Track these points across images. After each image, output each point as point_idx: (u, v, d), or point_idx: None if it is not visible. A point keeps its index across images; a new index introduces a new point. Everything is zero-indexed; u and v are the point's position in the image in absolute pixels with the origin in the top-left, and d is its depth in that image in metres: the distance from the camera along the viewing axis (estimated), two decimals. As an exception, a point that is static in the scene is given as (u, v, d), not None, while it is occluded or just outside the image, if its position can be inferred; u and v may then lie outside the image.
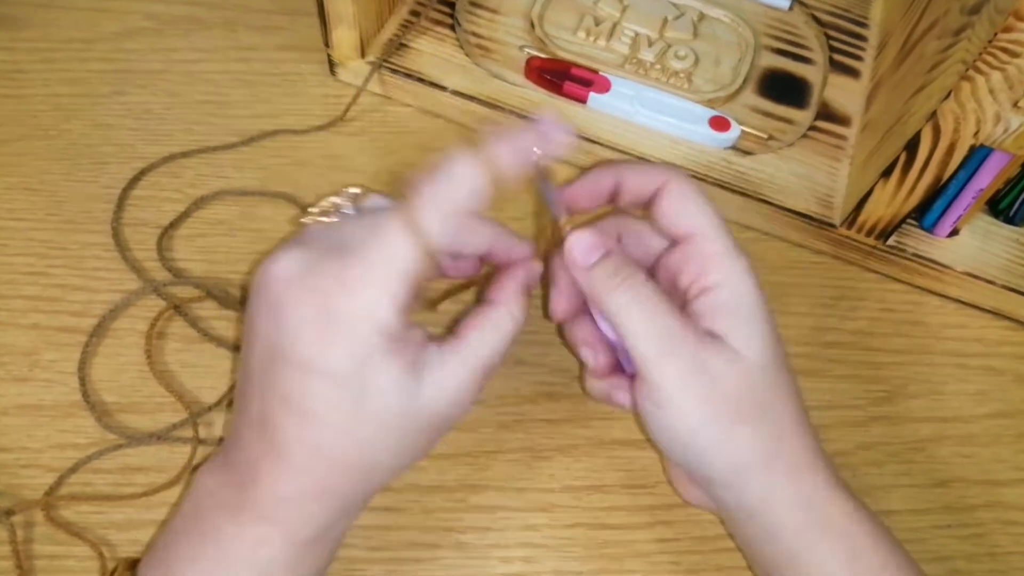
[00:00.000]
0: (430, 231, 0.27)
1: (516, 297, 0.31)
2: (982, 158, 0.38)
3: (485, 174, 0.27)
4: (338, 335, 0.26)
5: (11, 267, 0.40)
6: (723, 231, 0.31)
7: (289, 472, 0.27)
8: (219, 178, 0.44)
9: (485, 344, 0.29)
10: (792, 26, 0.50)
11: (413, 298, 0.27)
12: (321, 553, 0.29)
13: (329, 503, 0.28)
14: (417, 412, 0.28)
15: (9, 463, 0.35)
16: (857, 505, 0.30)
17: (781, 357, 0.30)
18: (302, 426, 0.27)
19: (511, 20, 0.49)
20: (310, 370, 0.26)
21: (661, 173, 0.32)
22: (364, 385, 0.26)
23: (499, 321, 0.30)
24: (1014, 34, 0.31)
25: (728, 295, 0.30)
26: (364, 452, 0.28)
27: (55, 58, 0.47)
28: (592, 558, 0.35)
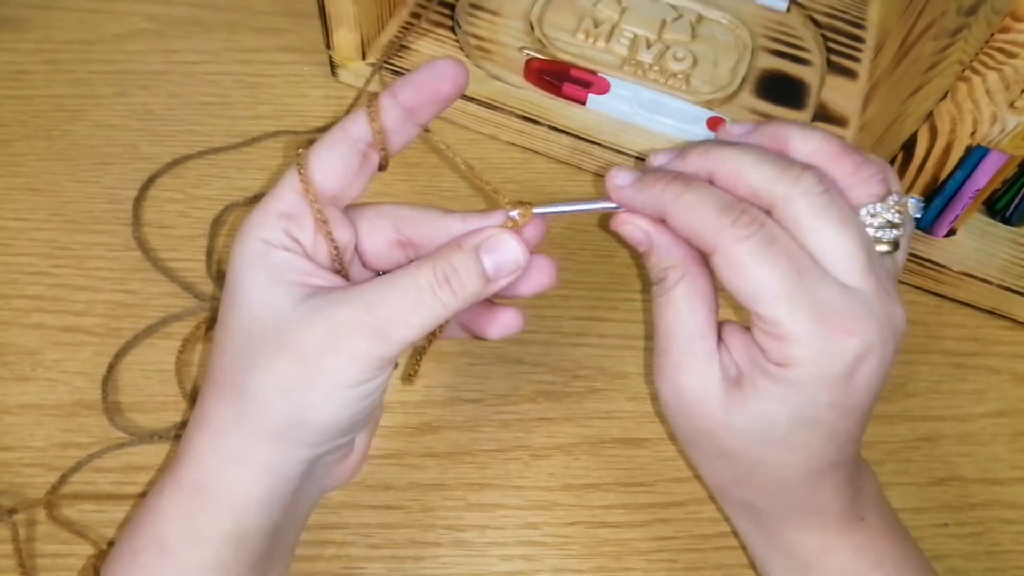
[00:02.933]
0: (313, 168, 0.27)
1: (450, 251, 0.27)
2: (979, 158, 0.38)
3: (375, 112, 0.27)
4: (235, 247, 0.26)
5: (14, 267, 0.40)
6: (794, 312, 0.25)
7: (197, 411, 0.27)
8: (221, 178, 0.44)
9: (382, 288, 0.25)
10: (789, 27, 0.51)
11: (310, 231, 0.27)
12: (220, 512, 0.27)
13: (213, 439, 0.26)
14: (283, 336, 0.25)
15: (12, 462, 0.35)
16: (833, 549, 0.29)
17: (794, 441, 0.27)
18: (215, 346, 0.27)
19: (511, 22, 0.49)
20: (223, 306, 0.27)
21: (710, 231, 0.26)
22: (238, 293, 0.26)
23: (410, 270, 0.26)
24: (1010, 35, 0.31)
25: (776, 371, 0.26)
26: (236, 372, 0.26)
27: (58, 59, 0.48)
28: (591, 556, 0.35)
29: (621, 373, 0.40)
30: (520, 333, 0.40)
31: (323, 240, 0.27)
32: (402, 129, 0.28)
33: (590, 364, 0.40)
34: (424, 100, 0.28)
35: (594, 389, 0.39)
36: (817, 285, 0.25)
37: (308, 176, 0.27)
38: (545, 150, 0.46)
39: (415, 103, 0.27)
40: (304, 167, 0.27)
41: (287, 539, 0.29)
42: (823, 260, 0.25)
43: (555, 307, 0.41)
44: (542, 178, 0.46)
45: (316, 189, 0.27)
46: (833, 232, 0.25)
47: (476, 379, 0.39)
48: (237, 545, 0.27)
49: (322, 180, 0.27)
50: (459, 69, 0.27)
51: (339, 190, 0.27)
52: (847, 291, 0.25)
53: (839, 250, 0.25)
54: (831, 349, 0.25)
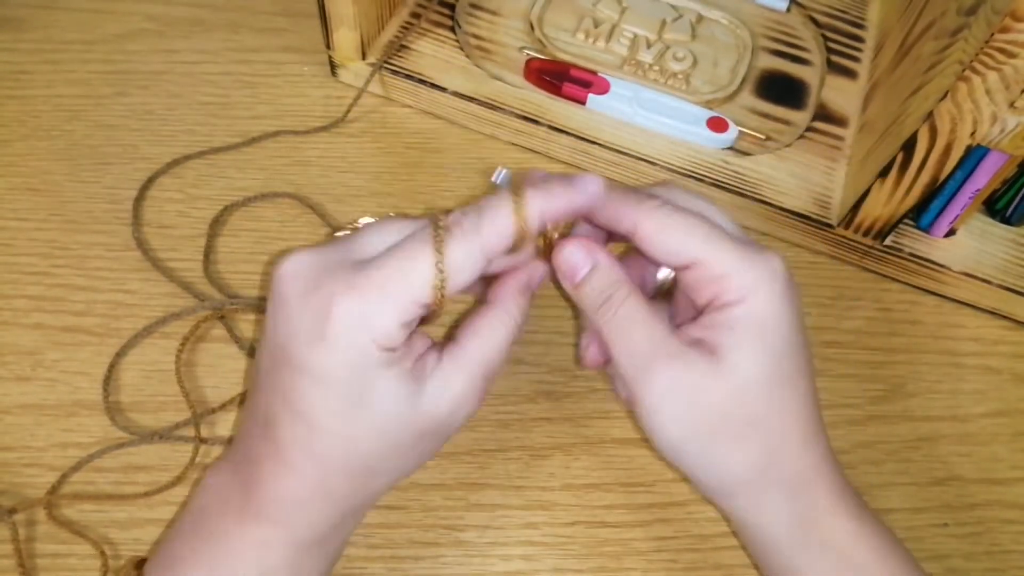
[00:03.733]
0: (453, 267, 0.27)
1: (515, 297, 0.30)
2: (979, 158, 0.38)
3: (519, 223, 0.27)
4: (335, 340, 0.26)
5: (14, 267, 0.40)
6: (725, 248, 0.28)
7: (289, 474, 0.27)
8: (221, 178, 0.44)
9: (485, 349, 0.29)
10: (790, 27, 0.51)
11: (418, 319, 0.28)
12: (323, 556, 0.29)
13: (330, 506, 0.28)
14: (417, 420, 0.27)
15: (12, 462, 0.35)
16: (863, 523, 0.29)
17: (789, 372, 0.29)
18: (300, 428, 0.27)
19: (511, 22, 0.49)
20: (305, 372, 0.26)
21: (631, 209, 0.29)
22: (361, 392, 0.26)
23: (497, 323, 0.29)
24: (1011, 35, 0.31)
25: (739, 311, 0.28)
26: (363, 458, 0.28)
27: (58, 59, 0.48)
28: (591, 556, 0.35)
29: (621, 373, 0.40)
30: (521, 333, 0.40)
31: None
32: None
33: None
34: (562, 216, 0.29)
35: (594, 389, 0.39)
36: (724, 230, 0.29)
37: (446, 279, 0.27)
38: (545, 150, 0.46)
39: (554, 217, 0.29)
40: (443, 278, 0.27)
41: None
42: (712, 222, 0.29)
43: (555, 307, 0.41)
44: (542, 178, 0.46)
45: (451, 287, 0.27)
46: (705, 206, 0.30)
47: (476, 379, 0.39)
48: None
49: (458, 284, 0.27)
50: (599, 188, 0.29)
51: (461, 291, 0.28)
52: (740, 232, 0.30)
53: (716, 217, 0.30)
54: (768, 270, 0.28)
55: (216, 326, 0.39)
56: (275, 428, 0.27)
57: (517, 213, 0.27)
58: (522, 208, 0.27)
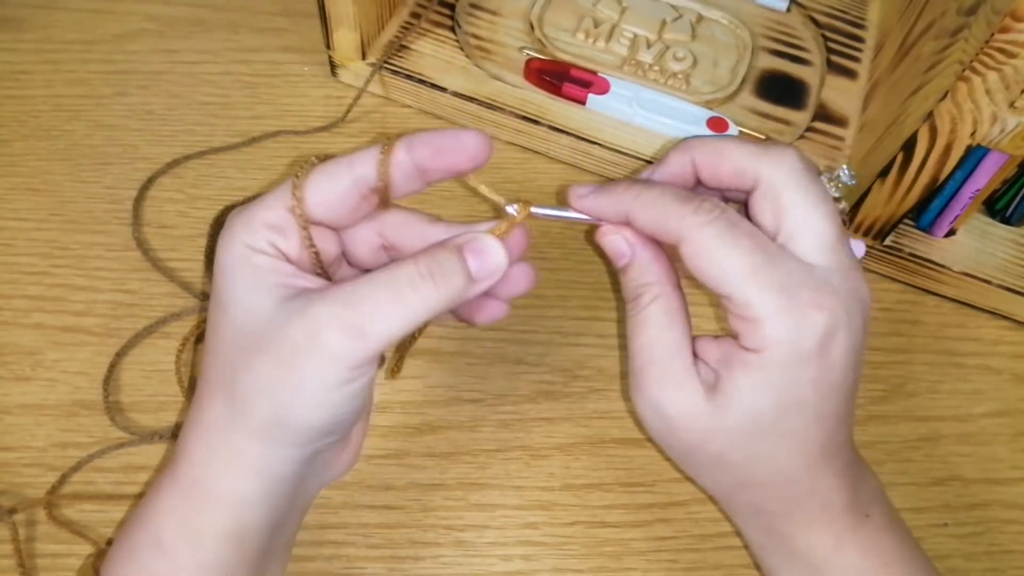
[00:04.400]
0: (311, 184, 0.27)
1: (436, 257, 0.26)
2: (979, 158, 0.38)
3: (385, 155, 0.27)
4: (219, 251, 0.26)
5: (14, 267, 0.40)
6: (764, 291, 0.25)
7: (192, 411, 0.27)
8: (221, 179, 0.44)
9: (366, 295, 0.25)
10: (790, 28, 0.51)
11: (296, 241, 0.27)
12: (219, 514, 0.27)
13: (209, 441, 0.26)
14: (274, 337, 0.25)
15: (12, 462, 0.35)
16: (843, 547, 0.29)
17: (782, 428, 0.27)
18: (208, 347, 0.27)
19: (511, 22, 0.49)
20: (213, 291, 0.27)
21: (674, 220, 0.27)
22: (226, 298, 0.26)
23: (398, 275, 0.25)
24: (1011, 35, 0.31)
25: (756, 360, 0.26)
26: (224, 373, 0.26)
27: (57, 59, 0.48)
28: (591, 556, 0.35)
29: (621, 373, 0.40)
30: (520, 333, 0.40)
31: (308, 256, 0.27)
32: (408, 182, 0.28)
33: (590, 364, 0.40)
34: (438, 166, 0.27)
35: (594, 389, 0.39)
36: (782, 263, 0.26)
37: (302, 198, 0.27)
38: (545, 150, 0.46)
39: (428, 166, 0.27)
40: (301, 188, 0.27)
41: (286, 534, 0.29)
42: (794, 236, 0.26)
43: (555, 307, 0.41)
44: (542, 178, 0.46)
45: (307, 211, 0.27)
46: (809, 208, 0.26)
47: (476, 379, 0.39)
48: (235, 543, 0.27)
49: (316, 205, 0.27)
50: (481, 146, 0.27)
51: (330, 219, 0.27)
52: (812, 268, 0.26)
53: (812, 226, 0.26)
54: (802, 325, 0.25)
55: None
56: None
57: (384, 151, 0.27)
58: (390, 149, 0.27)
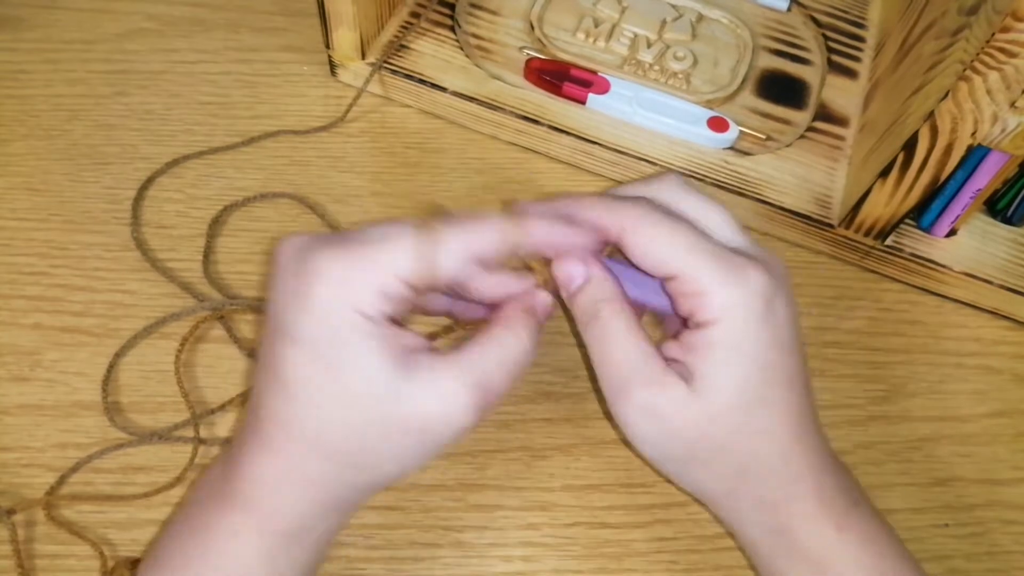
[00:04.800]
0: (440, 255, 0.27)
1: (520, 316, 0.29)
2: (980, 158, 0.38)
3: (511, 240, 0.28)
4: (315, 301, 0.26)
5: (13, 267, 0.40)
6: (704, 263, 0.27)
7: (264, 451, 0.27)
8: (220, 178, 0.44)
9: (483, 358, 0.28)
10: (790, 27, 0.51)
11: (402, 309, 0.27)
12: (303, 551, 0.28)
13: (304, 491, 0.27)
14: (402, 410, 0.26)
15: (10, 462, 0.35)
16: (844, 535, 0.29)
17: (766, 393, 0.28)
18: (279, 399, 0.26)
19: (511, 21, 0.49)
20: (287, 336, 0.26)
21: (615, 216, 0.29)
22: (337, 358, 0.26)
23: (501, 338, 0.29)
24: (1012, 34, 0.31)
25: (713, 333, 0.27)
26: (338, 436, 0.27)
27: (57, 59, 0.47)
28: (591, 557, 0.35)
29: (621, 373, 0.40)
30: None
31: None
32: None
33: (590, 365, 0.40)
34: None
35: (594, 389, 0.39)
36: (712, 240, 0.28)
37: (434, 264, 0.27)
38: (545, 150, 0.46)
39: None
40: (430, 252, 0.27)
41: None
42: (704, 227, 0.29)
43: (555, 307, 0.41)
44: (542, 178, 0.46)
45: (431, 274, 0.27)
46: (703, 204, 0.29)
47: (476, 379, 0.39)
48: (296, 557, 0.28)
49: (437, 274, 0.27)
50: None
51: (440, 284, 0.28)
52: (733, 244, 0.29)
53: (713, 217, 0.29)
54: (745, 286, 0.27)
55: (215, 327, 0.39)
56: (259, 403, 0.27)
57: (508, 224, 0.28)
58: (514, 223, 0.28)
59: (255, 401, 0.28)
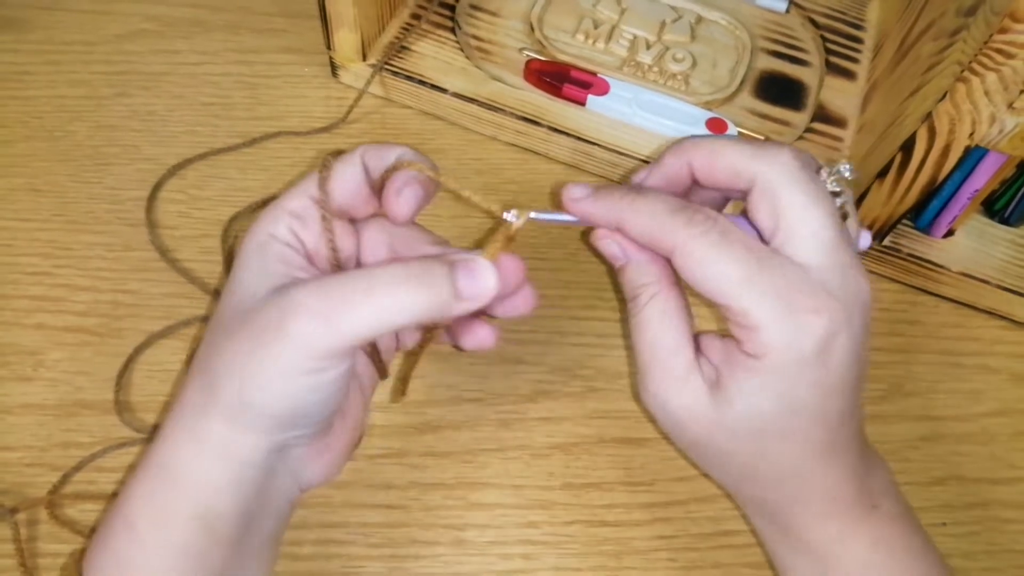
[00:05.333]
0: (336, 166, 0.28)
1: (425, 261, 0.26)
2: (977, 159, 0.38)
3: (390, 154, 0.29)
4: (242, 247, 0.28)
5: (16, 267, 0.40)
6: (760, 300, 0.26)
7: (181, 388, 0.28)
8: (222, 179, 0.44)
9: (354, 280, 0.25)
10: (789, 29, 0.51)
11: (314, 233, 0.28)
12: (182, 493, 0.26)
13: (180, 421, 0.27)
14: (241, 310, 0.26)
15: (14, 462, 0.35)
16: (850, 536, 0.29)
17: (783, 429, 0.27)
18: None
19: (511, 23, 0.49)
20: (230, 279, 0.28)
21: (667, 233, 0.27)
22: (233, 280, 0.27)
23: (388, 269, 0.25)
24: (1009, 36, 0.31)
25: (753, 363, 0.26)
26: (206, 353, 0.26)
27: (59, 60, 0.48)
28: (591, 555, 0.35)
29: (621, 373, 0.40)
30: (520, 333, 0.40)
31: (326, 244, 0.28)
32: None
33: (590, 364, 0.40)
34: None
35: (594, 389, 0.39)
36: (777, 269, 0.26)
37: (326, 183, 0.28)
38: (545, 151, 0.47)
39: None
40: (327, 174, 0.28)
41: (263, 529, 0.28)
42: (791, 236, 0.26)
43: (555, 307, 0.41)
44: (541, 179, 0.46)
45: (330, 197, 0.28)
46: (805, 207, 0.26)
47: (476, 379, 0.39)
48: (203, 527, 0.26)
49: (338, 190, 0.28)
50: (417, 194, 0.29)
51: (351, 205, 0.29)
52: (809, 270, 0.26)
53: (808, 226, 0.26)
54: (800, 330, 0.25)
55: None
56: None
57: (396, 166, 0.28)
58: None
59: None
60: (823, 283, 0.26)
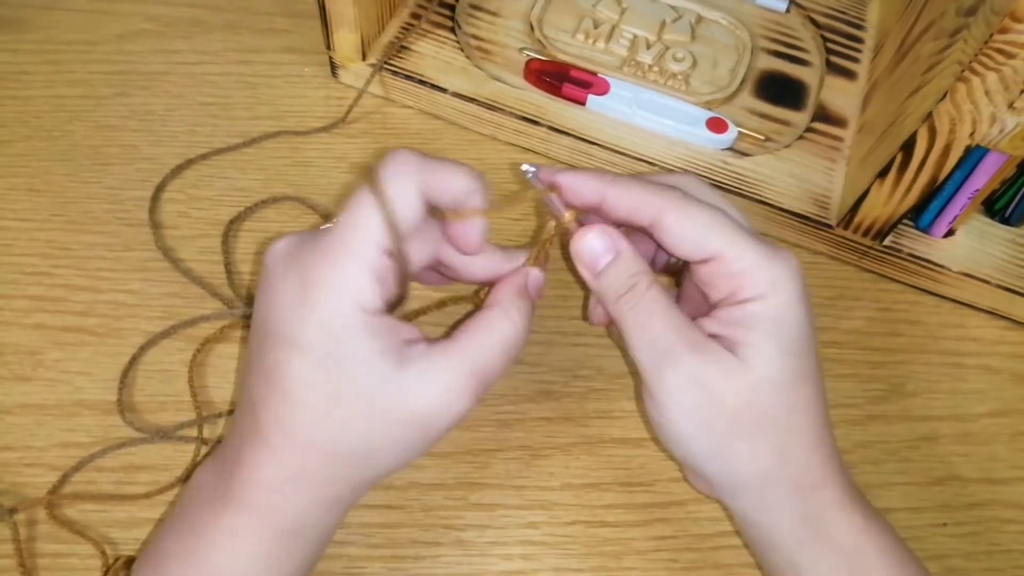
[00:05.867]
0: (396, 200, 0.26)
1: (513, 299, 0.30)
2: (978, 159, 0.38)
3: (462, 179, 0.29)
4: (314, 304, 0.26)
5: (15, 267, 0.40)
6: (746, 244, 0.28)
7: (264, 453, 0.27)
8: (221, 179, 0.44)
9: (478, 346, 0.28)
10: (789, 28, 0.51)
11: (392, 287, 0.27)
12: (302, 549, 0.28)
13: (307, 490, 0.27)
14: (399, 403, 0.27)
15: (13, 462, 0.35)
16: (869, 523, 0.29)
17: (805, 371, 0.29)
18: (279, 403, 0.26)
19: (511, 23, 0.49)
20: (286, 342, 0.26)
21: (652, 200, 0.29)
22: (340, 361, 0.26)
23: (495, 323, 0.29)
24: (1010, 35, 0.31)
25: (758, 308, 0.28)
26: (342, 436, 0.27)
27: (58, 60, 0.48)
28: (591, 555, 0.35)
29: (621, 373, 0.40)
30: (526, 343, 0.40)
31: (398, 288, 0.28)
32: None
33: (590, 364, 0.40)
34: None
35: (594, 389, 0.39)
36: (742, 223, 0.29)
37: (397, 231, 0.26)
38: (545, 150, 0.46)
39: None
40: (391, 217, 0.26)
41: None
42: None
43: (555, 307, 0.41)
44: (542, 178, 0.46)
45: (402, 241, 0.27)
46: (720, 203, 0.30)
47: (476, 379, 0.39)
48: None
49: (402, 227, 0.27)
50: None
51: (410, 236, 0.28)
52: None
53: (731, 214, 0.30)
54: (789, 266, 0.28)
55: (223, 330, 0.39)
56: (257, 408, 0.27)
57: (454, 164, 0.29)
58: (465, 170, 0.29)
59: (252, 405, 0.28)
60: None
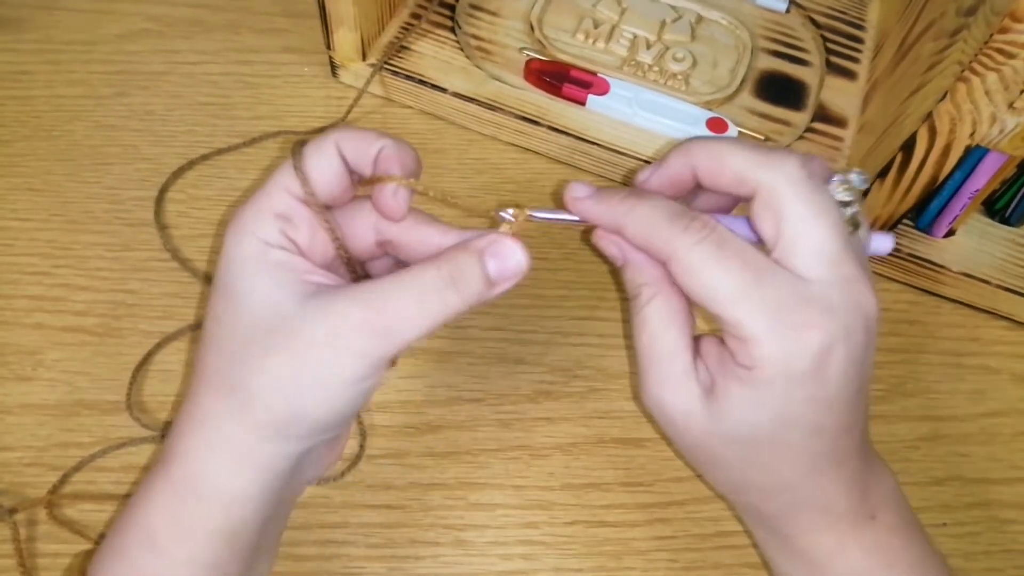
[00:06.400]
0: (310, 153, 0.27)
1: (455, 254, 0.27)
2: (978, 159, 0.38)
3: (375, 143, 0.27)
4: (226, 248, 0.26)
5: (15, 267, 0.40)
6: (750, 313, 0.25)
7: (185, 404, 0.27)
8: (221, 179, 0.44)
9: (381, 294, 0.26)
10: (789, 28, 0.51)
11: (307, 232, 0.27)
12: (215, 517, 0.26)
13: (210, 434, 0.26)
14: (287, 343, 0.25)
15: (12, 462, 0.35)
16: (846, 544, 0.29)
17: (779, 439, 0.27)
18: (201, 347, 0.27)
19: (511, 23, 0.49)
20: (213, 284, 0.27)
21: (662, 241, 0.27)
22: (236, 292, 0.26)
23: (420, 274, 0.26)
24: (1010, 35, 0.31)
25: (746, 375, 0.26)
26: (235, 371, 0.26)
27: (58, 60, 0.48)
28: (591, 555, 0.35)
29: (621, 373, 0.40)
30: (520, 333, 0.40)
31: (319, 239, 0.27)
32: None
33: (590, 364, 0.40)
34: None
35: (594, 389, 0.39)
36: (773, 283, 0.25)
37: (307, 176, 0.27)
38: (545, 150, 0.46)
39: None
40: (302, 167, 0.27)
41: (274, 531, 0.29)
42: (792, 248, 0.26)
43: (555, 307, 0.41)
44: (541, 178, 0.46)
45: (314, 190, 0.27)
46: (808, 219, 0.26)
47: (476, 379, 0.39)
48: (228, 540, 0.27)
49: (319, 183, 0.27)
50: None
51: (332, 197, 0.28)
52: (808, 284, 0.25)
53: (811, 239, 0.26)
54: (794, 345, 0.25)
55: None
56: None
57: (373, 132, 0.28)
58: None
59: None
60: (822, 297, 0.25)
